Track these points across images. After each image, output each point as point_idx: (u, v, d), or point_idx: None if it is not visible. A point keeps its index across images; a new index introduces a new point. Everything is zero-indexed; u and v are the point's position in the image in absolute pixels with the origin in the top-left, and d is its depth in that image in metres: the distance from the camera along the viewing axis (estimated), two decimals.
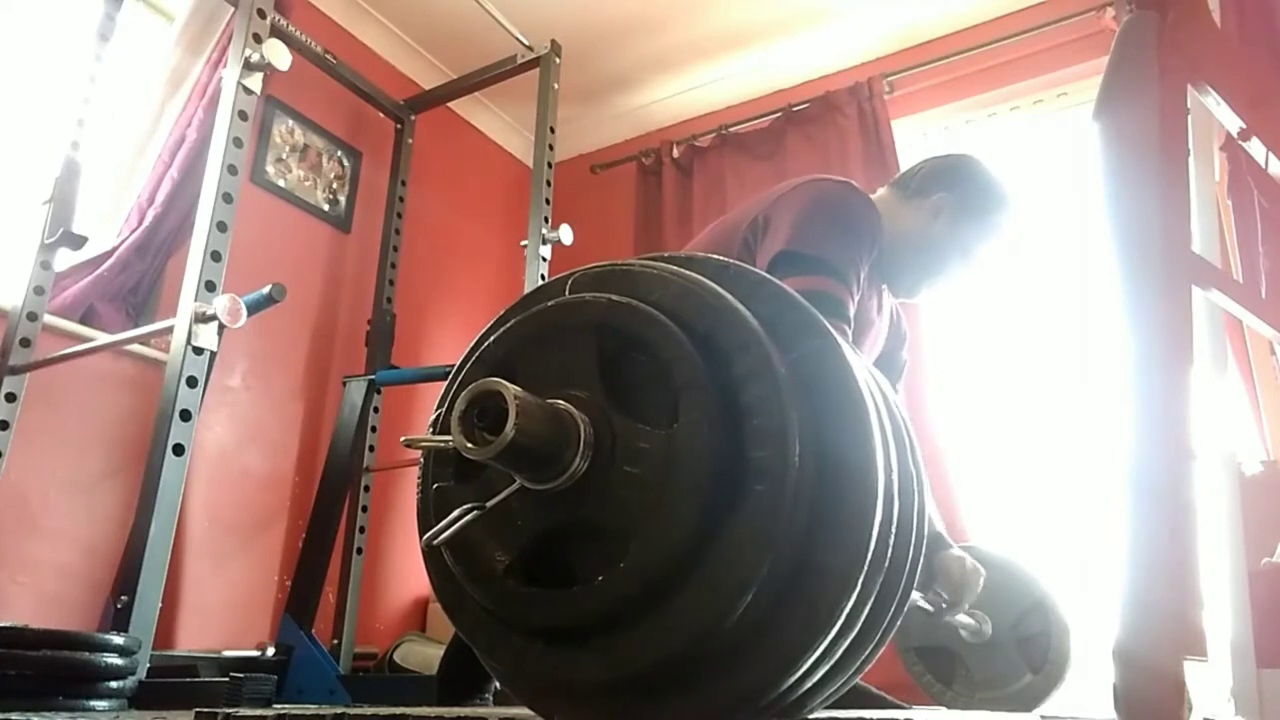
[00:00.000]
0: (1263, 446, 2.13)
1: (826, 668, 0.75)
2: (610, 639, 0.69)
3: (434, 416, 0.80)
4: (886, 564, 0.75)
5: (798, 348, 0.73)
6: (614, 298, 0.75)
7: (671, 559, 0.67)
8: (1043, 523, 2.65)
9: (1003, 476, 2.80)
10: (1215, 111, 0.97)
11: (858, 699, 1.65)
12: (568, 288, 0.80)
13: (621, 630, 0.68)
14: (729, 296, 0.74)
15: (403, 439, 0.76)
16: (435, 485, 0.77)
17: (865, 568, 0.70)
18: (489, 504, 0.72)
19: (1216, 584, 1.00)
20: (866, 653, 0.82)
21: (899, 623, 0.84)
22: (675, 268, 0.79)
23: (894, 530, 0.75)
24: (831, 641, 0.71)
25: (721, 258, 0.82)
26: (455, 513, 0.72)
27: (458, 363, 0.83)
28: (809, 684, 0.75)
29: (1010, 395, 2.88)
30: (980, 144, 3.12)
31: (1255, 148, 1.06)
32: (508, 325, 0.80)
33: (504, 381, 0.66)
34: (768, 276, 0.79)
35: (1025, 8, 2.94)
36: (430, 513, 0.77)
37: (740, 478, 0.68)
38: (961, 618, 1.77)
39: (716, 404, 0.69)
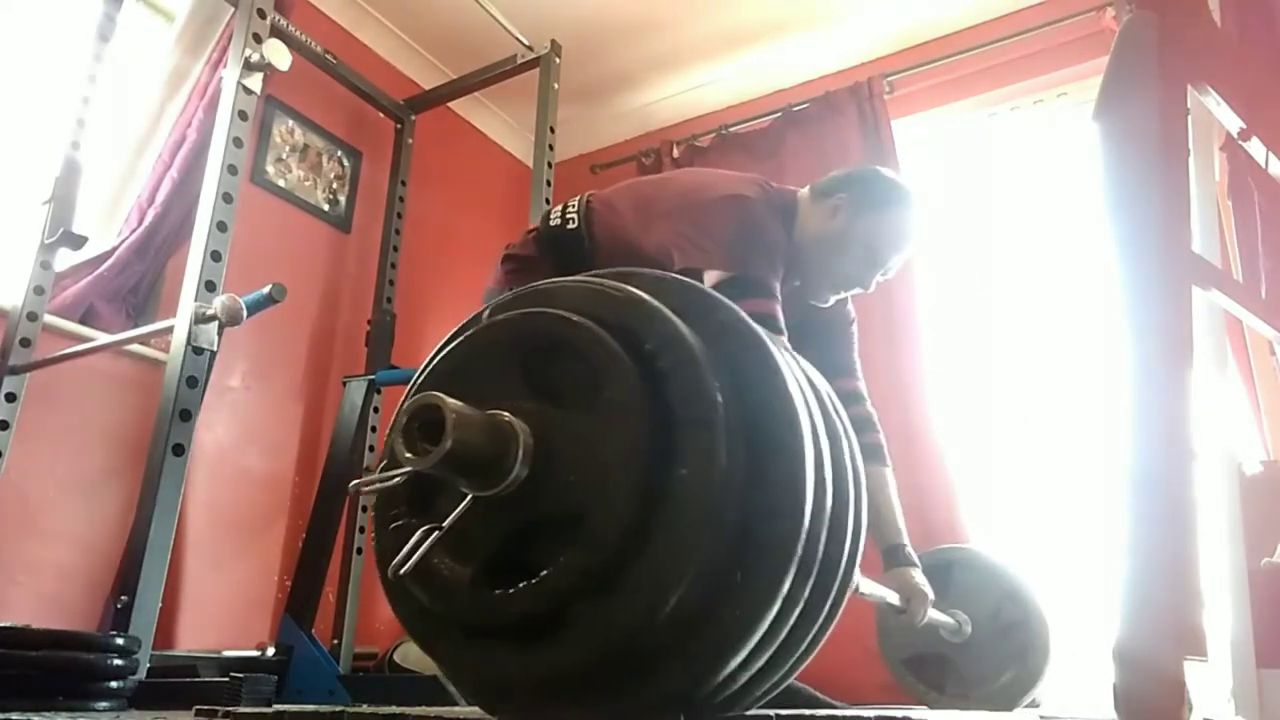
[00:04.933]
0: (1263, 446, 2.13)
1: (769, 653, 0.77)
2: (549, 636, 0.71)
3: (380, 464, 0.82)
4: (823, 544, 0.77)
5: (710, 326, 0.77)
6: (528, 310, 0.79)
7: (606, 555, 0.69)
8: (1043, 523, 2.65)
9: (1003, 476, 2.80)
10: (1215, 111, 0.97)
11: (793, 698, 1.65)
12: (508, 304, 0.85)
13: (560, 627, 0.71)
14: (635, 289, 0.79)
15: (351, 485, 0.79)
16: (391, 526, 0.79)
17: (802, 539, 0.72)
18: (446, 523, 0.74)
19: (1216, 584, 1.00)
20: (807, 641, 0.83)
21: (838, 613, 0.86)
22: (610, 281, 0.83)
23: (829, 509, 0.77)
24: (773, 623, 0.73)
25: (652, 271, 0.87)
26: (415, 537, 0.74)
27: (405, 393, 0.87)
28: (754, 668, 0.77)
29: (1011, 395, 2.88)
30: (980, 144, 3.12)
31: (1255, 148, 1.06)
32: (456, 342, 0.84)
33: (441, 395, 0.69)
34: (667, 275, 0.84)
35: (1025, 8, 2.94)
36: (390, 549, 0.78)
37: (669, 473, 0.70)
38: (941, 618, 1.79)
39: (646, 404, 0.72)
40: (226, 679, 1.36)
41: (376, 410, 2.84)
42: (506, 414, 0.74)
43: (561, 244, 1.73)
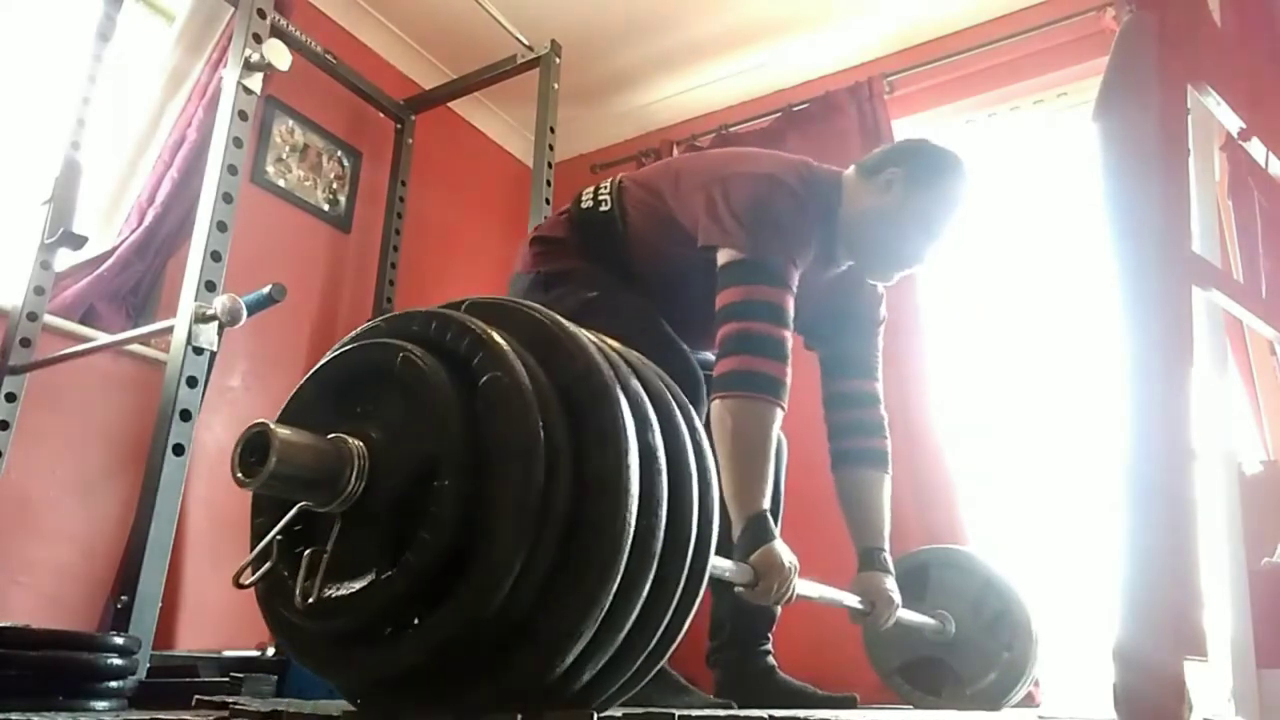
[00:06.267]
0: (1263, 446, 2.12)
1: (617, 641, 0.80)
2: (398, 635, 0.76)
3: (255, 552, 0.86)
4: (661, 527, 0.80)
5: (554, 361, 0.82)
6: (377, 340, 0.86)
7: (430, 561, 0.74)
8: (1043, 523, 2.65)
9: (1003, 476, 2.80)
10: (1215, 111, 0.97)
11: (781, 695, 1.64)
12: (355, 336, 0.92)
13: (408, 625, 0.76)
14: (478, 322, 0.84)
15: (233, 579, 0.84)
16: (276, 579, 0.83)
17: (629, 522, 0.76)
18: (329, 546, 0.80)
19: (1216, 584, 1.00)
20: (662, 628, 0.85)
21: (695, 599, 0.88)
22: (446, 310, 0.90)
23: (663, 493, 0.81)
24: (613, 610, 0.77)
25: (494, 299, 0.94)
26: (304, 564, 0.80)
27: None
28: (603, 658, 0.80)
29: (1011, 395, 2.88)
30: (980, 144, 3.12)
31: (1255, 148, 1.06)
32: (313, 373, 0.91)
33: (270, 423, 0.77)
34: (532, 307, 0.89)
35: (1025, 8, 2.94)
36: (277, 598, 0.83)
37: (489, 480, 0.75)
38: (921, 619, 1.79)
39: (465, 416, 0.77)
40: (226, 679, 1.36)
41: None
42: (349, 437, 0.81)
43: (593, 227, 1.71)
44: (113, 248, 2.47)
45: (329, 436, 0.81)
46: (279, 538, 0.83)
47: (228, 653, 2.33)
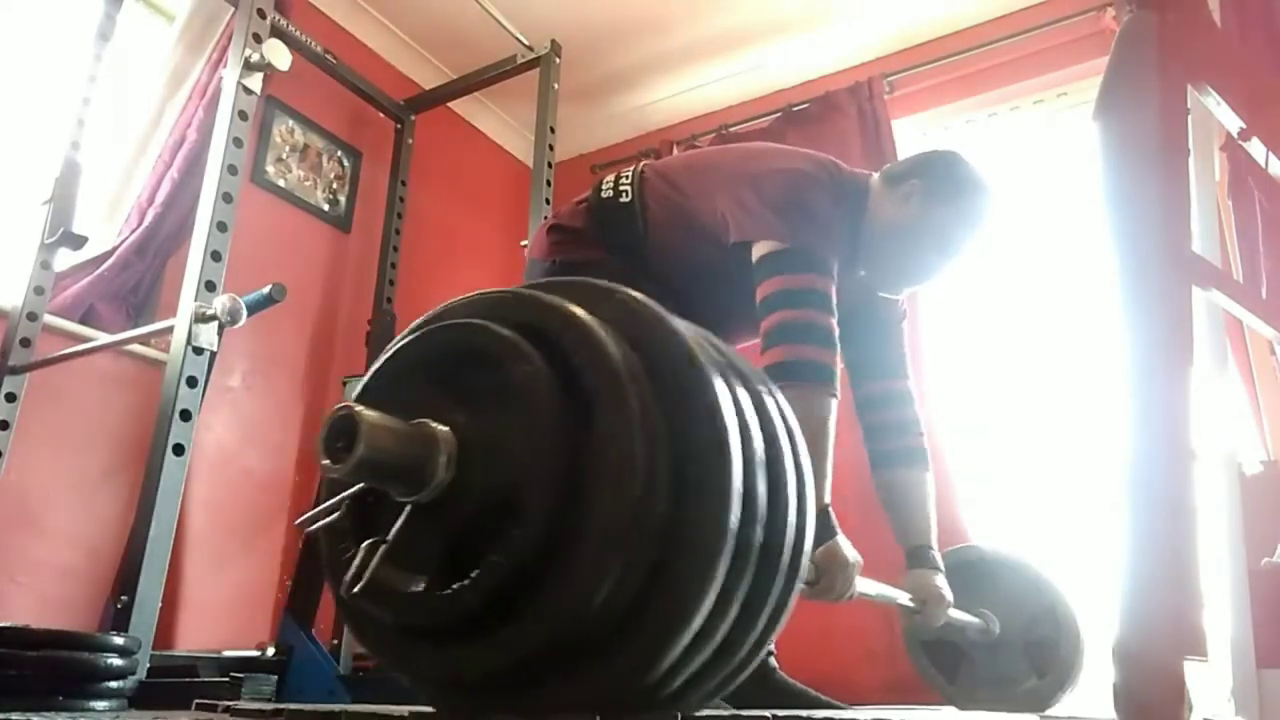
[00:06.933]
0: (1263, 446, 2.13)
1: (708, 654, 0.77)
2: (489, 632, 0.73)
3: (317, 495, 0.84)
4: (758, 542, 0.77)
5: (651, 351, 0.77)
6: (467, 321, 0.81)
7: (527, 557, 0.71)
8: (1043, 523, 2.64)
9: (1003, 476, 2.80)
10: (1215, 111, 0.97)
11: (794, 699, 1.63)
12: (435, 316, 0.87)
13: (490, 627, 0.73)
14: (551, 296, 0.80)
15: (296, 522, 0.81)
16: (343, 559, 0.81)
17: (731, 541, 0.72)
18: (391, 534, 0.76)
19: (1216, 584, 1.00)
20: (757, 632, 0.83)
21: (789, 601, 0.85)
22: (537, 291, 0.85)
23: (763, 495, 0.77)
24: (713, 613, 0.74)
25: (583, 281, 0.87)
26: (360, 555, 0.76)
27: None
28: (687, 674, 0.77)
29: (1012, 395, 2.88)
30: (980, 144, 3.12)
31: (1255, 148, 1.06)
32: (387, 356, 0.86)
33: (357, 405, 0.73)
34: (619, 290, 0.83)
35: (1025, 8, 2.94)
36: (341, 573, 0.80)
37: (590, 474, 0.72)
38: (966, 619, 1.76)
39: (563, 406, 0.73)
40: (226, 679, 1.36)
41: None
42: (433, 422, 0.77)
43: (613, 216, 1.66)
44: (113, 248, 2.47)
45: (414, 422, 0.77)
46: (341, 513, 0.79)
47: (228, 653, 2.33)
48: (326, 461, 0.72)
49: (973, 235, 1.64)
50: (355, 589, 0.75)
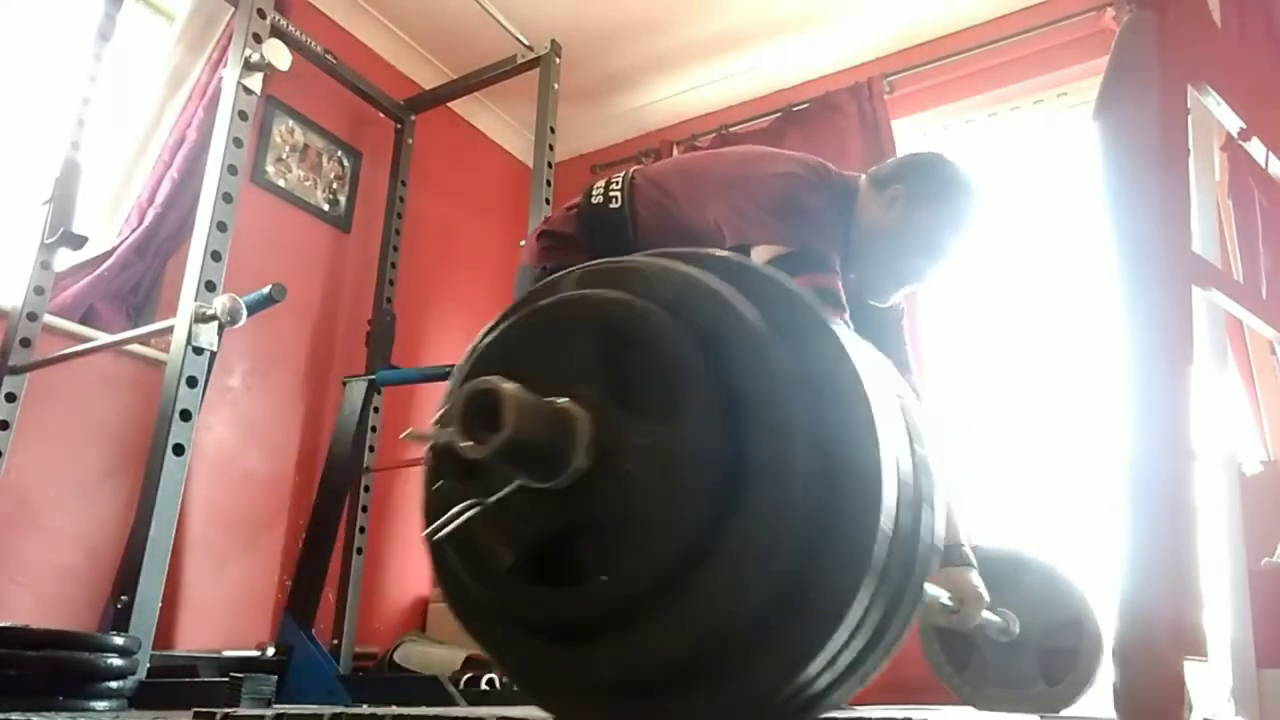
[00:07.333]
0: (1263, 446, 2.13)
1: (839, 669, 0.74)
2: (615, 638, 0.68)
3: (436, 416, 0.80)
4: (895, 569, 0.74)
5: (805, 349, 0.72)
6: (615, 294, 0.74)
7: (675, 559, 0.66)
8: (1043, 522, 2.64)
9: (1004, 476, 2.80)
10: (1215, 111, 0.97)
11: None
12: (572, 283, 0.79)
13: (626, 630, 0.68)
14: (731, 292, 0.73)
15: (403, 434, 0.76)
16: (437, 484, 0.76)
17: (874, 573, 0.69)
18: (489, 500, 0.71)
19: (1216, 584, 1.00)
20: (882, 647, 0.80)
21: (911, 618, 0.82)
22: (682, 265, 0.78)
23: (901, 534, 0.74)
24: (843, 644, 0.70)
25: (732, 255, 0.81)
26: (456, 508, 0.72)
27: (461, 359, 0.83)
28: (817, 687, 0.74)
29: (1011, 395, 2.88)
30: (980, 144, 3.12)
31: (1255, 148, 1.06)
32: (510, 321, 0.79)
33: (500, 379, 0.65)
34: (778, 277, 0.78)
35: (1025, 8, 2.94)
36: (433, 512, 0.76)
37: (743, 476, 0.67)
38: (989, 618, 1.75)
39: (717, 401, 0.68)
40: (226, 679, 1.36)
41: (377, 410, 2.84)
42: (566, 401, 0.70)
43: (603, 222, 1.66)
44: (113, 248, 2.47)
45: (553, 401, 0.70)
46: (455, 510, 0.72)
47: (228, 653, 2.33)
48: (466, 443, 0.65)
49: (958, 237, 1.64)
50: (435, 536, 0.71)
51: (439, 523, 0.72)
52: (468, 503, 0.72)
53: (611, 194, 1.68)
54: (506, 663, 0.77)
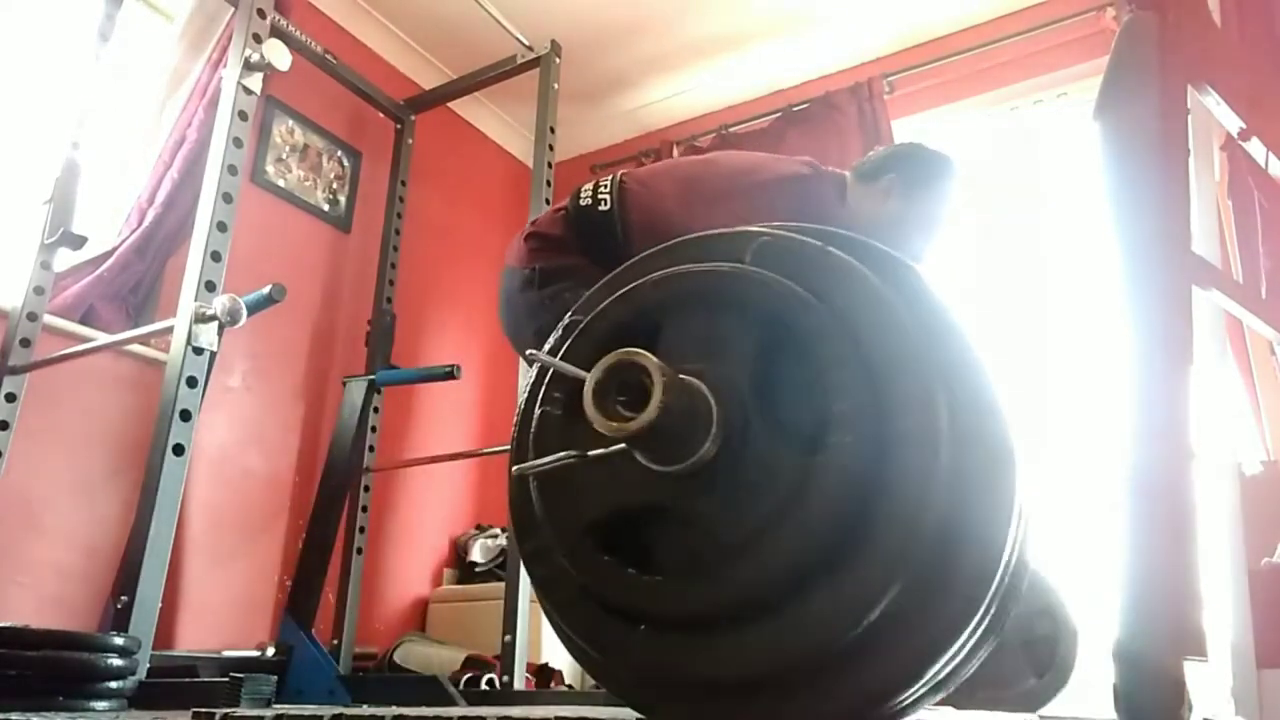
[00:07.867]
0: (1263, 446, 2.13)
1: (946, 672, 0.73)
2: (734, 636, 0.65)
3: (567, 321, 0.73)
4: (1001, 595, 0.73)
5: (958, 386, 0.72)
6: (794, 288, 0.68)
7: (804, 566, 0.64)
8: (1044, 522, 2.64)
9: None
10: (1215, 111, 0.97)
11: None
12: (749, 255, 0.73)
13: (746, 629, 0.65)
14: (905, 320, 0.69)
15: (527, 352, 0.70)
16: (542, 410, 0.71)
17: (1001, 569, 0.69)
18: (590, 454, 0.65)
19: (1216, 584, 0.99)
20: (980, 652, 0.80)
21: (1002, 624, 0.82)
22: (857, 263, 0.73)
23: (1013, 561, 0.73)
24: (956, 649, 0.70)
25: (858, 237, 0.79)
26: (556, 455, 0.67)
27: (604, 282, 0.77)
28: (925, 689, 0.73)
29: (1011, 394, 2.87)
30: (979, 144, 3.12)
31: (1255, 148, 1.06)
32: (668, 274, 0.72)
33: (648, 355, 0.60)
34: (935, 295, 0.75)
35: (1025, 8, 2.94)
36: (529, 435, 0.71)
37: (877, 495, 0.64)
38: None
39: (870, 432, 0.65)
40: (226, 679, 1.36)
41: (377, 410, 2.84)
42: (697, 381, 0.64)
43: (591, 226, 1.66)
44: (113, 248, 2.47)
45: (685, 379, 0.64)
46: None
47: (228, 653, 2.33)
48: (609, 424, 0.60)
49: (948, 209, 1.76)
50: (528, 471, 0.66)
51: (535, 461, 0.67)
52: (569, 454, 0.66)
53: (600, 196, 1.68)
54: (597, 650, 0.72)
